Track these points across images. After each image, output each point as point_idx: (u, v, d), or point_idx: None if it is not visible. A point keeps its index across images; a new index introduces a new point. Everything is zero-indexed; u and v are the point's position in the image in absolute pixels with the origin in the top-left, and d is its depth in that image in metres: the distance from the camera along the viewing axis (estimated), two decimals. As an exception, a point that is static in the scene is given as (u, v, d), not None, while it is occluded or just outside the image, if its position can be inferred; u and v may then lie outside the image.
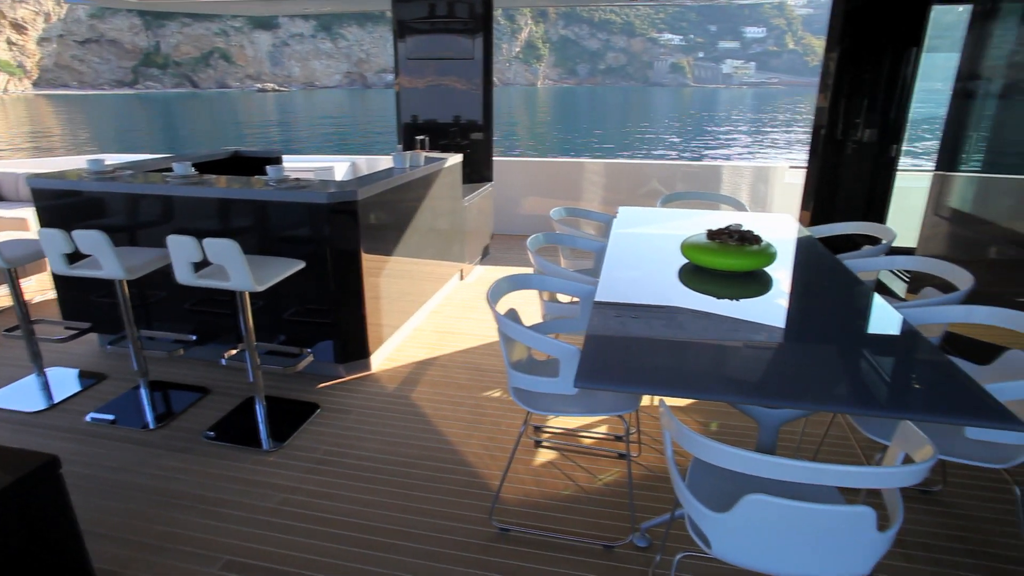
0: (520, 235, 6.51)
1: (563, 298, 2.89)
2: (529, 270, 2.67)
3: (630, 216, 3.60)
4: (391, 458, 2.68)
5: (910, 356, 1.85)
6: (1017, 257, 3.14)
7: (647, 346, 1.86)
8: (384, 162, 6.54)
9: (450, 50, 5.37)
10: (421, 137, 5.21)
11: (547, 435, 2.86)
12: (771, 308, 2.22)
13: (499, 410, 3.07)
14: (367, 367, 3.46)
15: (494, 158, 5.75)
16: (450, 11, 5.29)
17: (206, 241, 2.56)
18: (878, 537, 1.39)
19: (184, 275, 2.70)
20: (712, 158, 28.89)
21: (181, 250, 2.64)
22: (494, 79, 5.51)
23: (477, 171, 5.64)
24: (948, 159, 3.86)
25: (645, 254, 2.88)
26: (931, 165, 4.09)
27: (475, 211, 5.22)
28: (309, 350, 3.30)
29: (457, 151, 5.28)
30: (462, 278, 5.06)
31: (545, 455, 2.71)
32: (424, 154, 4.40)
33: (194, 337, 3.53)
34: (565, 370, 2.02)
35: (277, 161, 4.93)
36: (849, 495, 2.15)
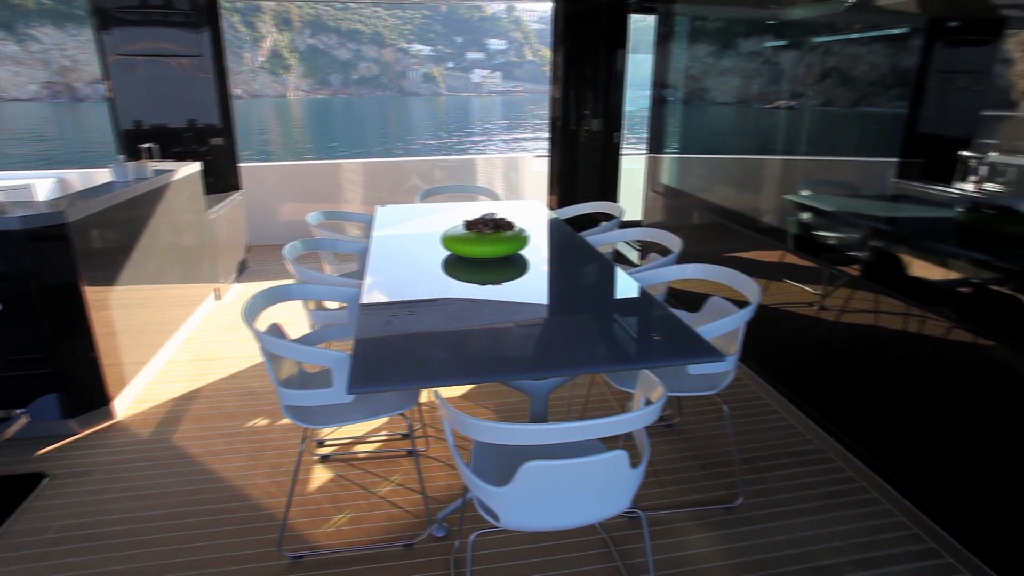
0: (281, 245, 6.12)
1: (331, 305, 2.79)
2: (292, 281, 2.52)
3: (390, 214, 3.61)
4: (154, 514, 2.32)
5: (644, 314, 2.15)
6: (710, 221, 3.85)
7: (418, 341, 1.88)
8: (102, 176, 5.60)
9: (172, 45, 4.78)
10: (148, 145, 4.57)
11: (332, 448, 2.74)
12: (530, 288, 2.41)
13: (280, 433, 2.85)
14: (109, 416, 2.95)
15: (241, 164, 5.30)
16: (166, 0, 4.72)
17: None
18: (633, 473, 1.60)
19: None
20: (468, 153, 30.32)
21: None
22: (239, 90, 5.08)
23: (222, 179, 5.14)
24: (655, 143, 4.58)
25: (408, 250, 2.91)
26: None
27: (224, 223, 4.76)
28: (22, 410, 2.69)
29: (195, 159, 4.74)
30: (218, 298, 4.58)
31: (332, 469, 2.59)
32: (153, 164, 3.88)
33: None
34: (338, 378, 1.95)
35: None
36: (609, 443, 2.44)
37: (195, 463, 2.63)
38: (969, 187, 2.33)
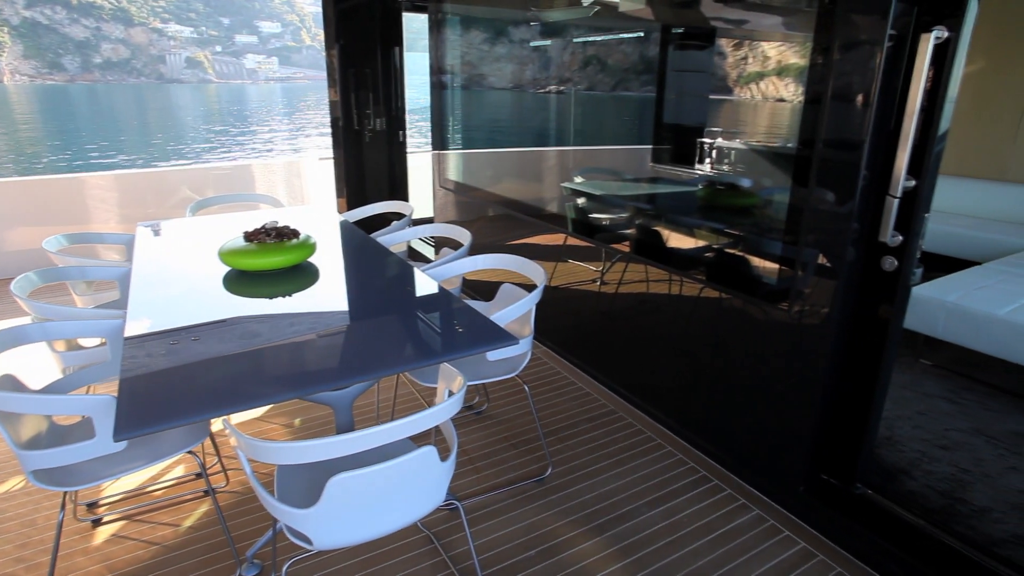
0: (10, 279, 5.08)
1: (88, 342, 2.40)
2: (29, 320, 2.11)
3: (156, 231, 3.19)
4: None
5: (440, 308, 2.18)
6: (498, 213, 4.03)
7: (200, 368, 1.69)
8: None
9: None
10: None
11: (107, 507, 2.37)
12: (322, 296, 2.30)
13: (30, 505, 2.38)
14: None
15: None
16: None
17: None
18: (443, 466, 1.63)
19: None
20: (247, 157, 28.06)
21: None
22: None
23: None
24: (439, 140, 4.65)
25: (181, 270, 2.60)
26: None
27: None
28: None
29: None
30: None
31: (111, 530, 2.24)
32: None
33: None
34: (101, 426, 1.69)
35: None
36: (423, 440, 2.46)
37: (-89, 563, 2.09)
38: (706, 168, 2.74)
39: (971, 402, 3.01)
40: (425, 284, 2.37)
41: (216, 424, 2.71)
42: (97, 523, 2.28)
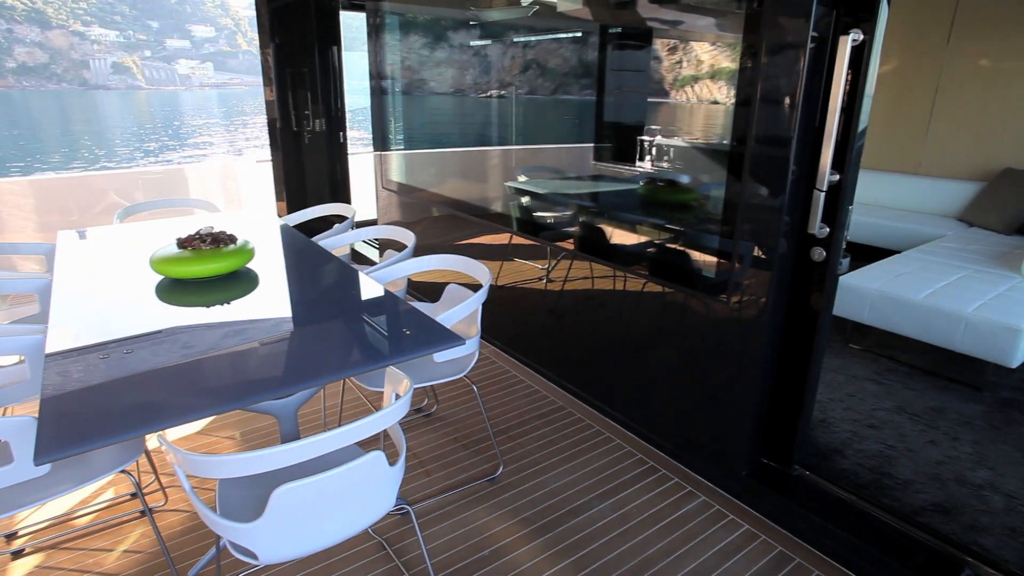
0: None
1: (4, 360, 2.25)
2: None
3: (79, 240, 3.02)
4: None
5: (385, 311, 2.15)
6: (442, 213, 4.02)
7: (132, 383, 1.61)
8: None
9: None
10: None
11: (27, 536, 2.22)
12: (262, 303, 2.23)
13: (-52, 536, 2.22)
14: None
15: None
16: None
17: None
18: (392, 471, 1.61)
19: None
20: (181, 162, 26.93)
21: None
22: None
23: None
24: (381, 141, 4.60)
25: (109, 280, 2.47)
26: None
27: None
28: None
29: None
30: None
31: (34, 561, 2.11)
32: None
33: None
34: (19, 450, 1.58)
35: None
36: (368, 446, 2.42)
37: None
38: (647, 165, 2.81)
39: (894, 382, 3.19)
40: (369, 287, 2.33)
41: (152, 440, 2.59)
42: (18, 555, 2.13)
